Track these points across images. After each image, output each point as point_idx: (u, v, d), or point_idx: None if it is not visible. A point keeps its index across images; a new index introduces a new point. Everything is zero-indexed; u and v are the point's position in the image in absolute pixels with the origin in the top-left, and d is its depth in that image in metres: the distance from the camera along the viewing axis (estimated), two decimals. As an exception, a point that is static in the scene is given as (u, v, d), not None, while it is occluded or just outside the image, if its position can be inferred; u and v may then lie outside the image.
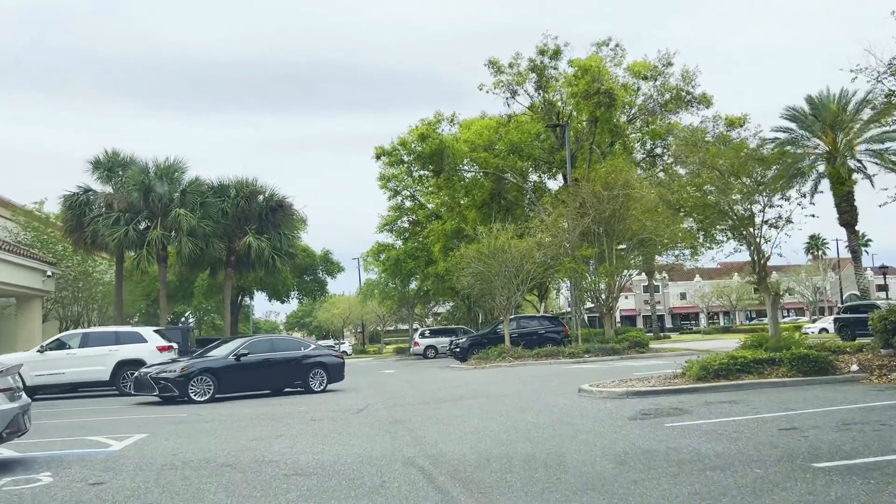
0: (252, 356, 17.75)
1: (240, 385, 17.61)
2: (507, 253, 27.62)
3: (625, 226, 28.80)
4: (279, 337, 22.21)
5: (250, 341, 18.94)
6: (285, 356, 18.43)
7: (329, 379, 18.69)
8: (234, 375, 17.29)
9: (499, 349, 27.71)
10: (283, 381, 18.34)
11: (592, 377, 18.23)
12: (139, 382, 17.17)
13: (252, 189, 32.23)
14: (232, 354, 17.48)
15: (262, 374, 17.86)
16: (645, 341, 28.49)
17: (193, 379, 16.51)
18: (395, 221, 50.43)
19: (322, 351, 20.13)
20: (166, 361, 18.55)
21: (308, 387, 18.19)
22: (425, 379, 22.74)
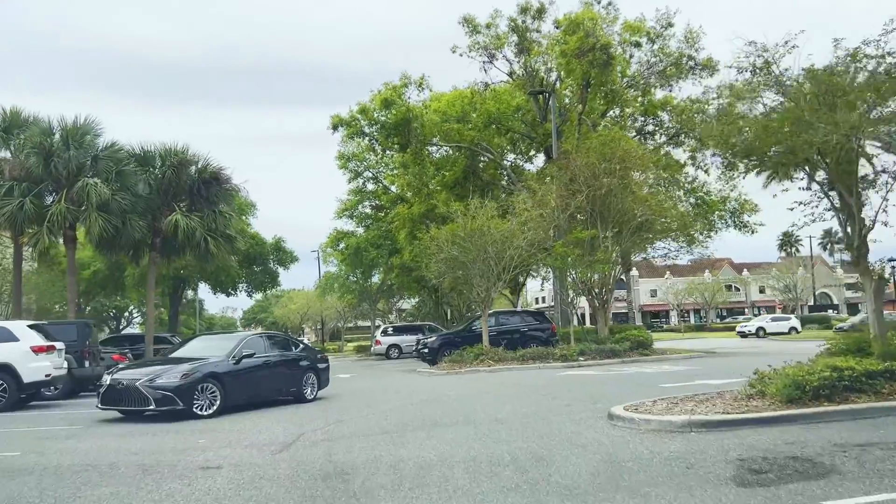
0: (254, 358, 14.36)
1: (242, 394, 13.86)
2: (487, 235, 22.98)
3: (623, 205, 24.39)
4: (271, 333, 18.25)
5: (249, 339, 15.20)
6: (283, 357, 15.24)
7: (319, 385, 15.82)
8: (237, 383, 13.73)
9: (476, 350, 23.10)
10: (279, 388, 14.91)
11: (606, 390, 13.72)
12: (112, 393, 12.84)
13: (181, 158, 26.96)
14: (232, 357, 13.91)
15: (262, 381, 14.44)
16: (648, 341, 24.23)
17: (198, 388, 12.90)
18: (355, 206, 45.49)
19: (311, 351, 17.28)
20: (139, 363, 15.45)
21: (301, 395, 15.16)
22: (387, 388, 17.99)
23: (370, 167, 43.94)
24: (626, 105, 29.10)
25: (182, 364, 13.24)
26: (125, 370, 13.57)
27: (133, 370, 13.46)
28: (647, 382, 15.19)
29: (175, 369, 12.97)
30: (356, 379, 22.20)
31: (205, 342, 15.73)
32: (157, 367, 13.40)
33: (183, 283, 42.63)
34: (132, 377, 12.85)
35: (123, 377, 12.91)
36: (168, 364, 13.47)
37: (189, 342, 16.00)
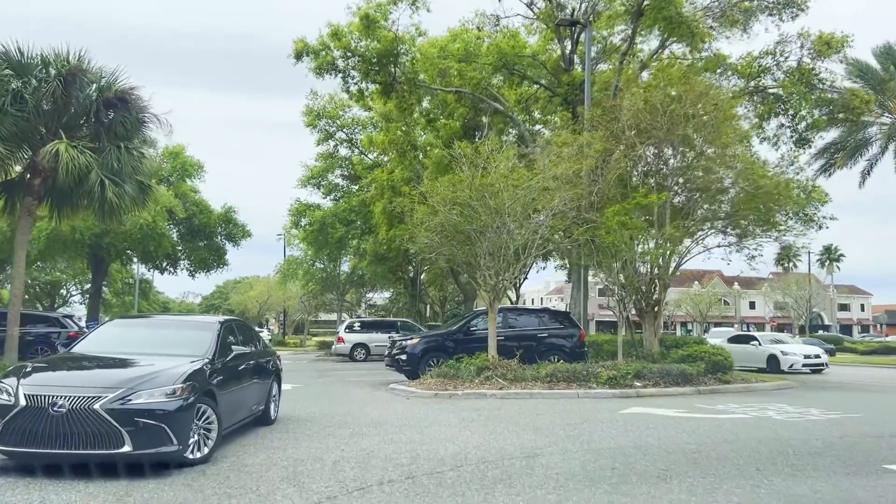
0: (238, 360, 9.14)
1: (227, 420, 8.38)
2: (504, 193, 15.45)
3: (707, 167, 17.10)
4: (238, 321, 11.19)
5: (228, 325, 9.62)
6: (256, 358, 10.04)
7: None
8: (229, 400, 8.46)
9: (478, 361, 15.60)
10: (251, 405, 9.68)
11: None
12: (34, 422, 6.88)
13: (74, 69, 19.03)
14: (217, 357, 8.50)
15: (246, 396, 9.33)
16: (729, 362, 16.87)
17: (196, 410, 7.54)
18: (323, 174, 37.72)
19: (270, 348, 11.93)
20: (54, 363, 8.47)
21: (267, 415, 10.34)
22: (336, 425, 10.37)
23: (344, 126, 36.26)
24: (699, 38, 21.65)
25: (152, 367, 7.60)
26: (44, 372, 7.59)
27: (63, 375, 7.62)
28: (864, 456, 7.82)
29: (154, 376, 7.32)
30: (297, 398, 14.56)
31: (148, 330, 9.97)
32: (109, 371, 7.78)
33: (104, 252, 34.48)
34: (73, 390, 6.94)
35: (53, 391, 6.91)
36: (115, 368, 7.89)
37: (107, 328, 9.66)
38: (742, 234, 20.42)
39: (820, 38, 22.60)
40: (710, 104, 17.87)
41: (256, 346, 10.51)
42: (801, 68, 23.35)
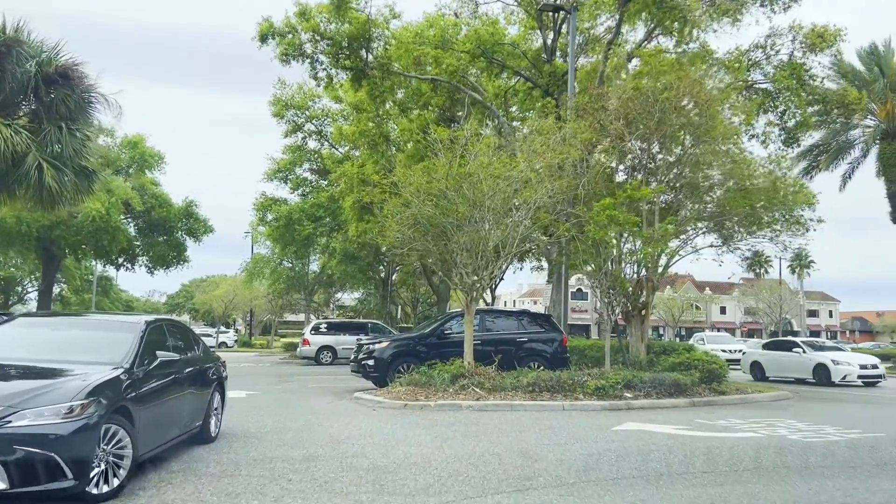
0: (164, 368, 7.42)
1: (148, 443, 6.82)
2: (483, 184, 14.04)
3: (697, 159, 15.91)
4: (170, 321, 9.36)
5: (154, 326, 7.86)
6: (192, 365, 8.43)
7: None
8: (149, 418, 6.79)
9: (453, 368, 14.14)
10: (185, 421, 8.06)
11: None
12: None
13: (10, 41, 17.24)
14: (136, 365, 6.88)
15: (174, 412, 7.64)
16: (723, 371, 15.62)
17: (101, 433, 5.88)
18: (291, 167, 35.99)
19: (211, 353, 10.01)
20: None
21: (206, 431, 8.73)
22: (286, 452, 8.84)
23: (313, 118, 34.59)
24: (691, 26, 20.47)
25: (46, 379, 6.12)
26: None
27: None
28: None
29: (47, 391, 5.81)
30: (250, 407, 12.98)
31: (54, 331, 8.11)
32: None
33: (54, 245, 32.35)
34: None
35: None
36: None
37: (4, 329, 7.85)
38: (727, 235, 19.37)
39: (813, 30, 21.61)
40: (704, 95, 16.70)
41: (194, 350, 8.94)
42: (793, 63, 22.36)
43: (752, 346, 34.41)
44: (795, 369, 22.49)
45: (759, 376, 23.44)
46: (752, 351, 25.54)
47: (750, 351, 25.75)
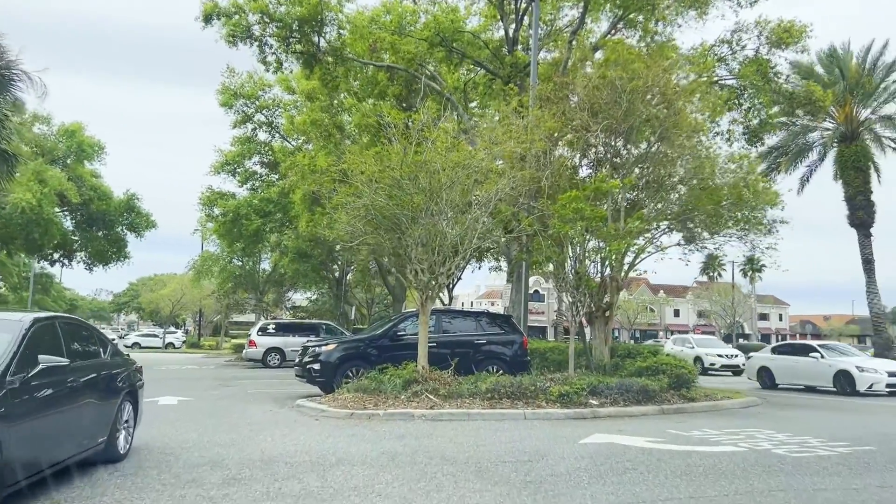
0: (50, 376, 6.06)
1: (23, 457, 5.37)
2: (441, 174, 12.93)
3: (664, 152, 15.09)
4: (69, 319, 7.64)
5: (39, 327, 6.44)
6: (93, 371, 7.10)
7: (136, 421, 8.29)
8: (22, 433, 5.45)
9: (405, 373, 12.97)
10: (82, 436, 6.69)
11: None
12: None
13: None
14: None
15: (63, 426, 6.32)
16: (692, 376, 14.75)
17: None
18: (239, 159, 34.33)
19: (123, 357, 8.61)
20: None
21: (112, 448, 7.42)
22: (204, 475, 7.54)
23: (263, 108, 33.01)
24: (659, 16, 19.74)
25: None
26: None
27: None
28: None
29: None
30: (177, 417, 11.62)
31: None
32: None
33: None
34: None
35: None
36: None
37: None
38: (690, 236, 18.67)
39: (779, 25, 21.12)
40: (672, 87, 15.90)
41: (99, 354, 7.61)
42: (759, 59, 21.83)
43: (706, 343, 33.35)
44: (812, 376, 20.29)
45: (768, 384, 21.51)
46: (761, 356, 23.18)
47: (758, 356, 23.54)
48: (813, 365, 20.24)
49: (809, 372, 20.34)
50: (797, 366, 20.77)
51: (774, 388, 21.03)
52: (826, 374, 19.74)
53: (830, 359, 19.97)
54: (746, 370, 23.77)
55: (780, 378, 21.31)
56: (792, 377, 21.01)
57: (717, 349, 32.39)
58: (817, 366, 20.10)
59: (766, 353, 22.98)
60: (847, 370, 19.21)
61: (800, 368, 20.68)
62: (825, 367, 19.85)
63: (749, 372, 23.15)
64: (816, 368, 20.12)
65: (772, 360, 21.92)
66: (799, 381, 20.77)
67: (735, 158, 17.64)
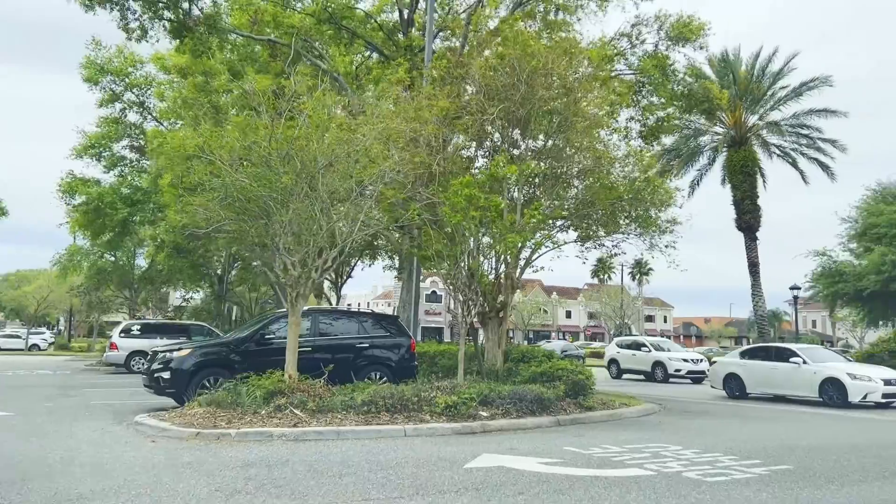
0: None
1: None
2: (323, 148, 11.19)
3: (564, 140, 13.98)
4: None
5: None
6: None
7: None
8: None
9: (269, 384, 11.08)
10: None
11: None
12: None
13: None
14: None
15: None
16: (590, 383, 13.64)
17: None
18: (106, 142, 30.98)
19: None
20: None
21: None
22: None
23: (134, 86, 29.89)
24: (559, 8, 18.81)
25: None
26: None
27: None
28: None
29: None
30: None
31: None
32: None
33: None
34: None
35: None
36: None
37: None
38: (586, 235, 17.85)
39: (679, 20, 20.70)
40: (571, 75, 14.84)
41: None
42: (658, 55, 21.36)
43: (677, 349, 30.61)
44: (793, 385, 17.79)
45: (736, 392, 19.14)
46: (728, 361, 20.42)
47: (724, 361, 20.90)
48: (794, 372, 17.67)
49: (790, 380, 17.81)
50: (774, 373, 18.25)
51: (745, 397, 18.93)
52: (810, 382, 17.27)
53: (815, 365, 17.49)
54: (710, 377, 21.37)
55: (753, 387, 18.87)
56: (767, 386, 18.58)
57: (679, 353, 29.77)
58: (799, 373, 17.54)
59: (734, 357, 20.46)
60: (836, 378, 16.78)
61: (777, 376, 18.17)
62: (809, 374, 17.33)
63: (713, 379, 20.60)
64: (798, 376, 17.56)
65: (742, 365, 19.26)
66: (777, 391, 18.47)
67: (634, 152, 16.90)
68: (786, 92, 32.36)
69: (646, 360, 28.95)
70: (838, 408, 16.26)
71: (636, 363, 29.68)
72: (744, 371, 19.07)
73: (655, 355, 28.79)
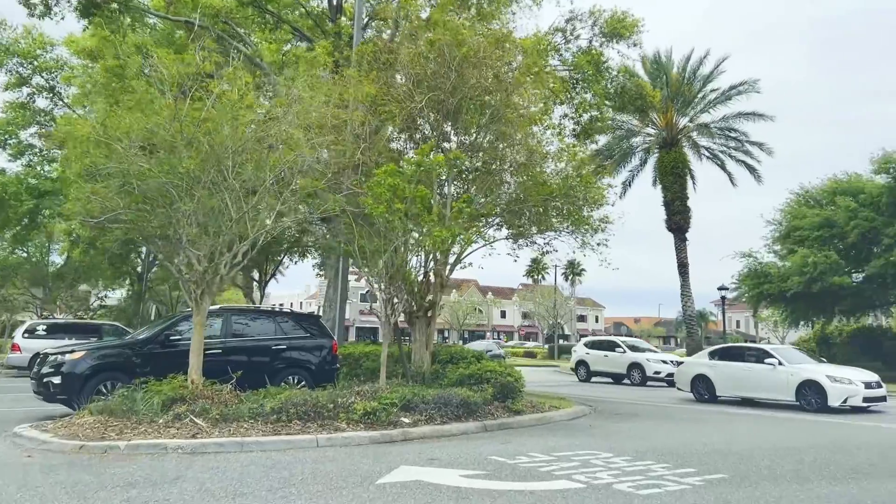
0: None
1: None
2: (234, 131, 10.24)
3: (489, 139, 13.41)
4: None
5: None
6: None
7: None
8: None
9: (168, 390, 10.06)
10: None
11: None
12: None
13: None
14: None
15: None
16: (519, 385, 13.03)
17: None
18: (12, 129, 28.84)
19: None
20: None
21: None
22: None
23: (43, 69, 27.90)
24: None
25: None
26: None
27: None
28: None
29: None
30: None
31: None
32: None
33: None
34: None
35: None
36: None
37: None
38: (519, 233, 17.40)
39: (613, 16, 20.49)
40: (504, 67, 14.29)
41: None
42: (592, 51, 21.10)
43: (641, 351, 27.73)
44: (768, 388, 16.97)
45: (704, 395, 18.26)
46: (696, 361, 19.38)
47: (692, 361, 19.88)
48: (769, 374, 16.89)
49: (764, 382, 17.00)
50: (747, 375, 17.40)
51: (715, 401, 17.96)
52: (786, 385, 16.50)
53: (791, 366, 16.71)
54: (677, 379, 20.04)
55: (724, 389, 18.04)
56: (739, 388, 17.74)
57: (657, 354, 27.77)
58: (774, 375, 16.76)
59: (703, 357, 19.37)
60: (815, 381, 15.99)
61: (751, 378, 17.30)
62: (785, 376, 16.56)
63: (680, 381, 19.50)
64: (774, 378, 16.77)
65: (711, 366, 18.34)
66: (750, 394, 17.57)
67: (567, 147, 16.50)
68: (716, 95, 32.94)
69: (620, 362, 26.68)
70: (816, 412, 15.53)
71: (609, 365, 27.34)
72: (714, 372, 18.22)
73: (632, 357, 26.55)
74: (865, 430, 12.73)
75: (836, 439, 11.20)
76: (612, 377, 27.30)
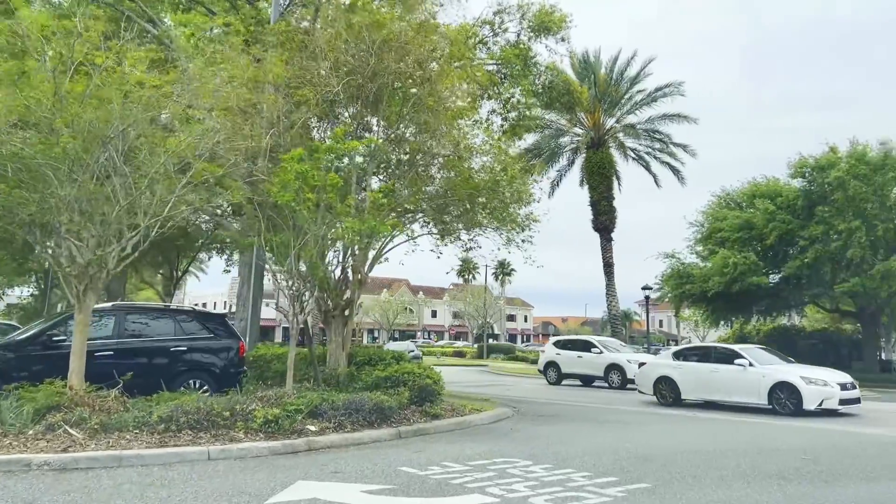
0: None
1: None
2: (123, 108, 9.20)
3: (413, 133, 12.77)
4: None
5: None
6: None
7: None
8: None
9: (42, 397, 8.93)
10: None
11: None
12: None
13: None
14: None
15: None
16: (439, 387, 12.37)
17: None
18: None
19: None
20: None
21: None
22: None
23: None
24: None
25: None
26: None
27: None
28: None
29: None
30: None
31: None
32: None
33: None
34: None
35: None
36: None
37: None
38: (445, 229, 16.85)
39: (541, 10, 20.17)
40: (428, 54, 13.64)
41: None
42: (520, 46, 20.73)
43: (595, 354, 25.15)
44: (738, 390, 16.03)
45: (670, 399, 17.25)
46: (659, 362, 18.47)
47: (655, 362, 19.00)
48: (739, 375, 15.97)
49: (734, 384, 16.09)
50: (715, 377, 16.49)
51: (679, 404, 17.01)
52: (758, 387, 15.65)
53: (762, 367, 15.90)
54: (638, 381, 18.99)
55: (689, 392, 17.05)
56: (706, 391, 16.74)
57: (637, 355, 25.44)
58: (745, 376, 15.86)
59: (666, 358, 18.42)
60: (789, 383, 15.21)
61: (719, 380, 16.40)
62: (757, 377, 15.71)
63: (642, 383, 18.48)
64: (744, 380, 15.87)
65: (676, 368, 17.38)
66: (718, 397, 16.53)
67: (493, 141, 16.00)
68: (642, 96, 33.29)
69: (597, 364, 24.62)
70: (790, 416, 14.79)
71: (584, 367, 25.33)
72: (679, 374, 17.24)
73: (611, 357, 24.42)
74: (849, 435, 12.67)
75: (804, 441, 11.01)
76: (586, 380, 25.64)
